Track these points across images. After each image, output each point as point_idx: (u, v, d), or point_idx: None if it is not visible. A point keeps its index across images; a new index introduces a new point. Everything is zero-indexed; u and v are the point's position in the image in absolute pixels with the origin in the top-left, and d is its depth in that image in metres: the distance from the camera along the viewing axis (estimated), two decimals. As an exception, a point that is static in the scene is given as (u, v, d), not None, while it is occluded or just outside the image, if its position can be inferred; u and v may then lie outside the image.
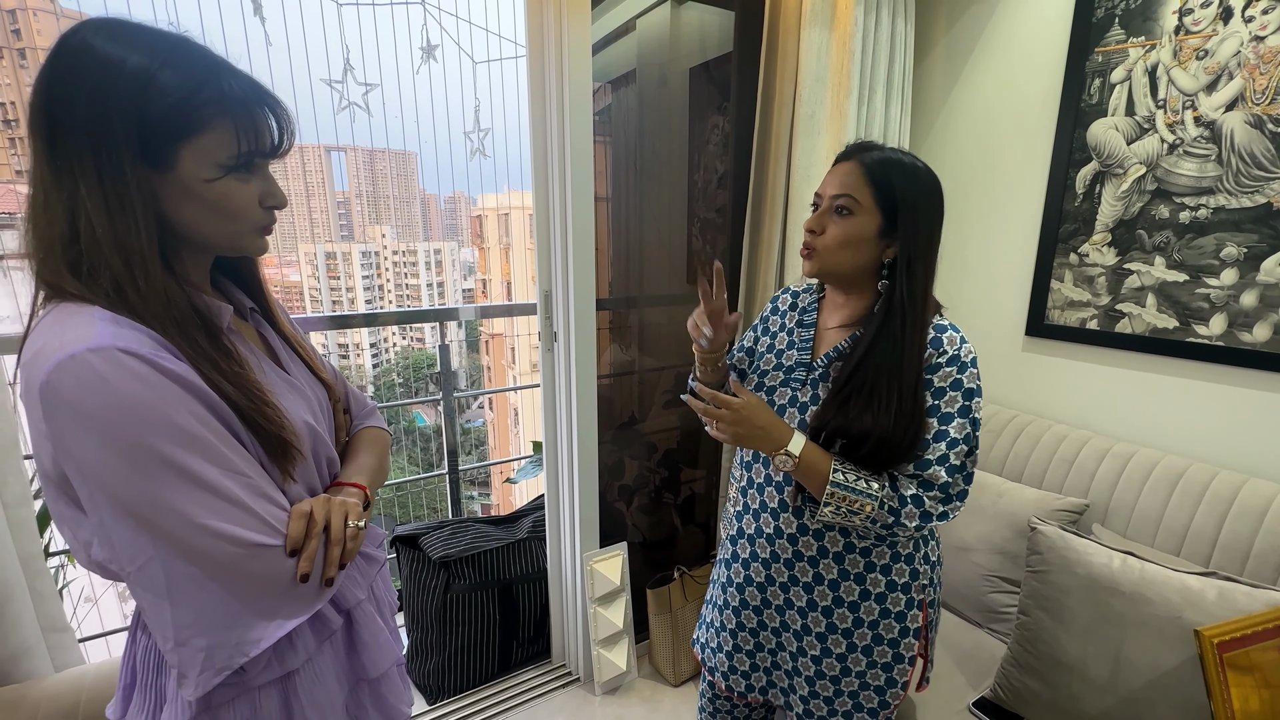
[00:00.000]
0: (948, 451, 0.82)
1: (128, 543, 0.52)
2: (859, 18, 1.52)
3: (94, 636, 1.63)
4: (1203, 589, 1.03)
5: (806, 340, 0.94)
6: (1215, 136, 1.27)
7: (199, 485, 0.53)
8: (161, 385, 0.52)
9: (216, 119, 0.56)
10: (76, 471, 0.51)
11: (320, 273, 23.79)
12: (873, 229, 0.85)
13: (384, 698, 0.75)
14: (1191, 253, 1.33)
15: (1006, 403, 1.70)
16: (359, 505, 0.66)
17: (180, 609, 0.53)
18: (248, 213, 0.60)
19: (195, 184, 0.56)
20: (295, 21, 1.77)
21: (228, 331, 0.62)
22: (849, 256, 0.86)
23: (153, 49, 0.54)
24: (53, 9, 1.29)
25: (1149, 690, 1.02)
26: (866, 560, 0.89)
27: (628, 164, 1.99)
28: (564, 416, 1.65)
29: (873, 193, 0.84)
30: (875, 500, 0.82)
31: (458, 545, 1.70)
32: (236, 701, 0.60)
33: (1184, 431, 1.38)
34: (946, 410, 0.83)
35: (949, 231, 1.76)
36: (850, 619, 0.91)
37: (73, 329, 0.51)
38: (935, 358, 0.84)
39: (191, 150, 0.55)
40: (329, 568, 0.59)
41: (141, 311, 0.54)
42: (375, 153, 33.21)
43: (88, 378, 0.49)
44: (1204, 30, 1.27)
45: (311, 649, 0.65)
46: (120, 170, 0.53)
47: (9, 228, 1.53)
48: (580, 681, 1.76)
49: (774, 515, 0.92)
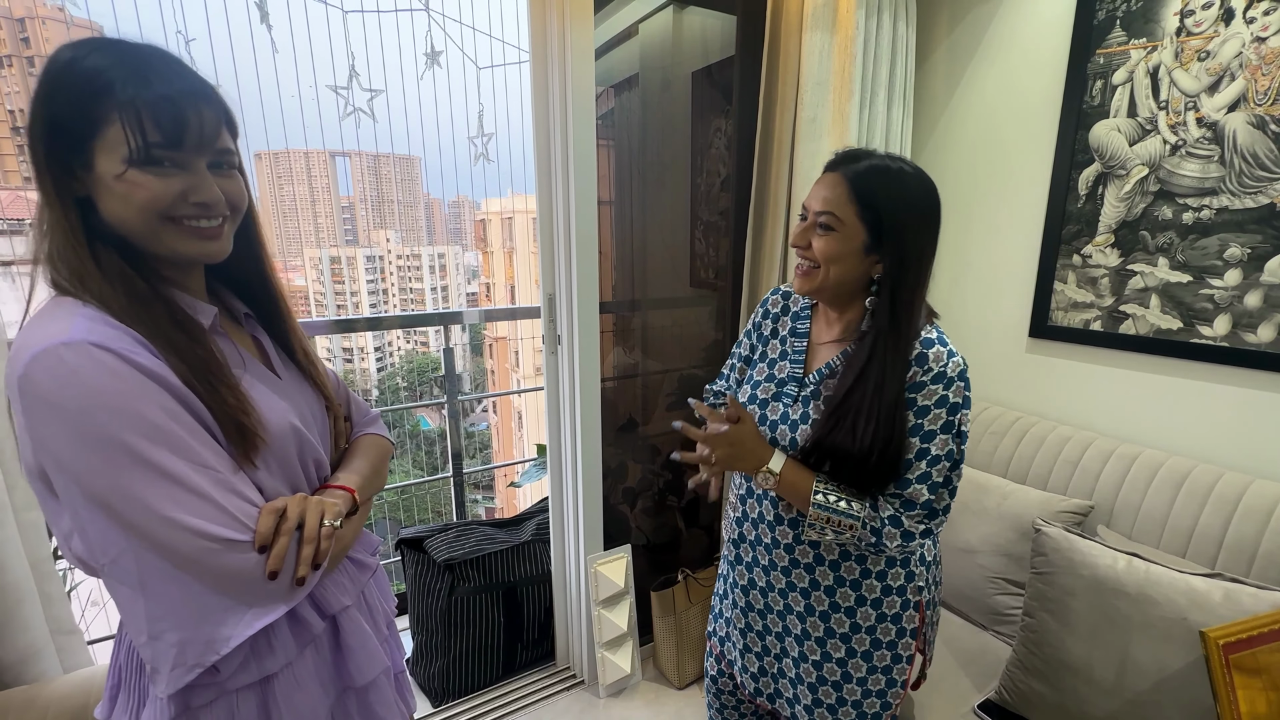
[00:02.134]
0: (929, 469, 0.82)
1: (100, 535, 0.53)
2: (860, 21, 1.53)
3: (103, 639, 1.64)
4: (1208, 590, 1.03)
5: (799, 353, 0.94)
6: (1218, 137, 1.27)
7: (165, 478, 0.53)
8: (132, 379, 0.53)
9: (109, 113, 0.55)
10: (52, 464, 0.52)
11: (325, 277, 23.90)
12: (856, 245, 0.83)
13: (372, 707, 0.73)
14: (1195, 254, 1.33)
15: (1010, 404, 1.69)
16: (338, 505, 0.65)
17: (153, 602, 0.54)
18: (165, 209, 0.58)
19: (109, 179, 0.57)
20: (301, 29, 1.78)
21: (212, 330, 0.63)
22: (837, 272, 0.85)
23: (78, 51, 0.56)
24: (63, 18, 1.31)
25: (1155, 692, 1.02)
26: (862, 567, 0.89)
27: (631, 168, 2.00)
28: (568, 419, 1.65)
29: (856, 209, 0.82)
30: (858, 521, 0.83)
31: (463, 548, 1.70)
32: (214, 705, 0.60)
33: (1189, 433, 1.37)
34: (930, 428, 0.82)
35: (952, 234, 1.77)
36: (847, 624, 0.91)
37: (52, 323, 0.53)
38: (920, 375, 0.82)
39: (100, 146, 0.56)
40: (300, 566, 0.59)
41: (102, 300, 0.56)
42: (379, 157, 33.39)
43: (60, 371, 0.51)
44: (1205, 31, 1.28)
45: (291, 653, 0.64)
46: (40, 166, 0.56)
47: (19, 234, 1.54)
48: (585, 684, 1.76)
49: (770, 527, 0.93)
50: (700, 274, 1.99)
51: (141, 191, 0.57)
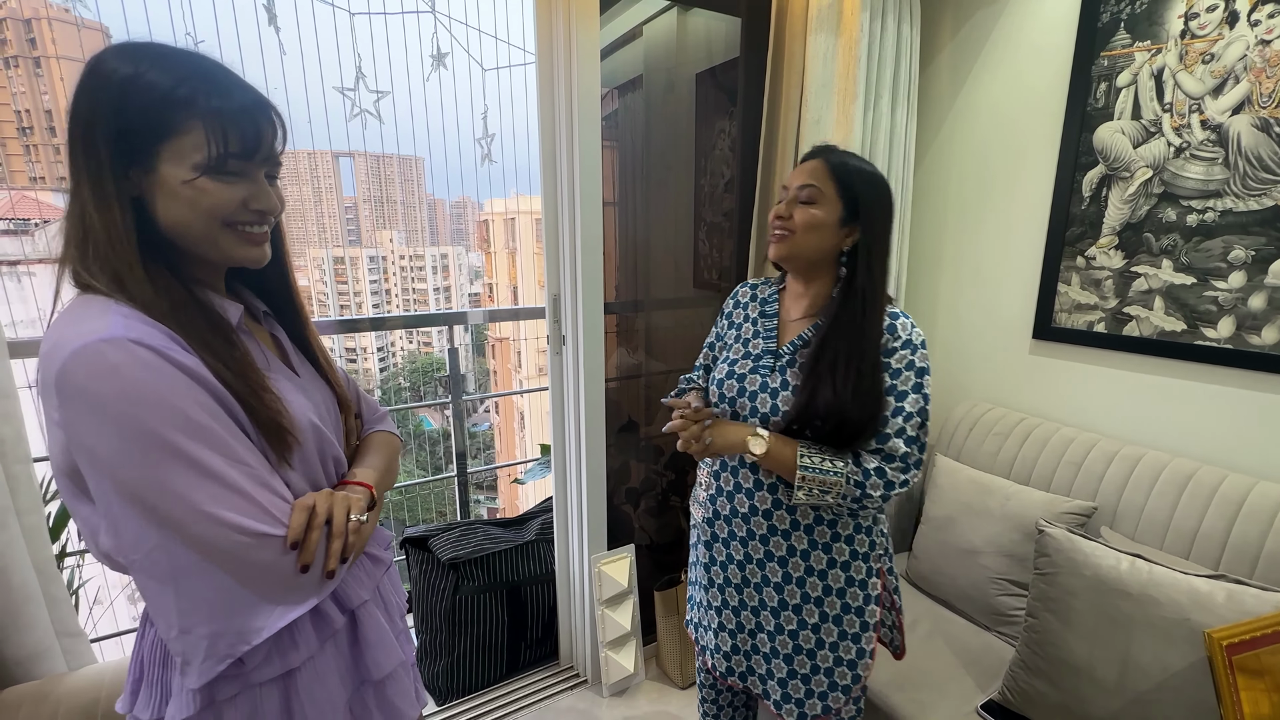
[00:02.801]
0: (904, 425, 0.92)
1: (134, 529, 0.53)
2: (865, 24, 1.53)
3: (109, 636, 1.65)
4: (1211, 591, 1.03)
5: (771, 330, 1.03)
6: (1222, 140, 1.28)
7: (204, 473, 0.54)
8: (170, 375, 0.54)
9: (187, 121, 0.57)
10: (87, 459, 0.53)
11: (328, 277, 23.97)
12: (835, 216, 0.94)
13: (390, 700, 0.75)
14: (1199, 255, 1.33)
15: (1013, 405, 1.70)
16: (362, 501, 0.67)
17: (184, 596, 0.54)
18: (228, 216, 0.61)
19: (174, 184, 0.58)
20: (309, 31, 1.80)
21: (238, 329, 0.64)
22: (814, 240, 0.95)
23: (147, 61, 0.57)
24: (71, 20, 1.32)
25: (1157, 693, 1.02)
26: (833, 531, 0.98)
27: (634, 169, 2.01)
28: (572, 419, 1.66)
29: (836, 186, 0.94)
30: (842, 477, 0.90)
31: (467, 547, 1.71)
32: (238, 698, 0.61)
33: (1192, 434, 1.37)
34: (903, 388, 0.92)
35: (956, 236, 1.78)
36: (820, 587, 0.99)
37: (88, 320, 0.53)
38: (891, 342, 0.93)
39: (169, 151, 0.58)
40: (330, 560, 0.60)
41: (141, 301, 0.57)
42: (382, 158, 33.45)
43: (100, 366, 0.51)
44: (1210, 34, 1.28)
45: (313, 647, 0.65)
46: (102, 168, 0.56)
47: (25, 233, 1.55)
48: (588, 683, 1.77)
49: (749, 495, 0.99)
50: (704, 275, 2.00)
51: (208, 197, 0.59)
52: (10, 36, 7.69)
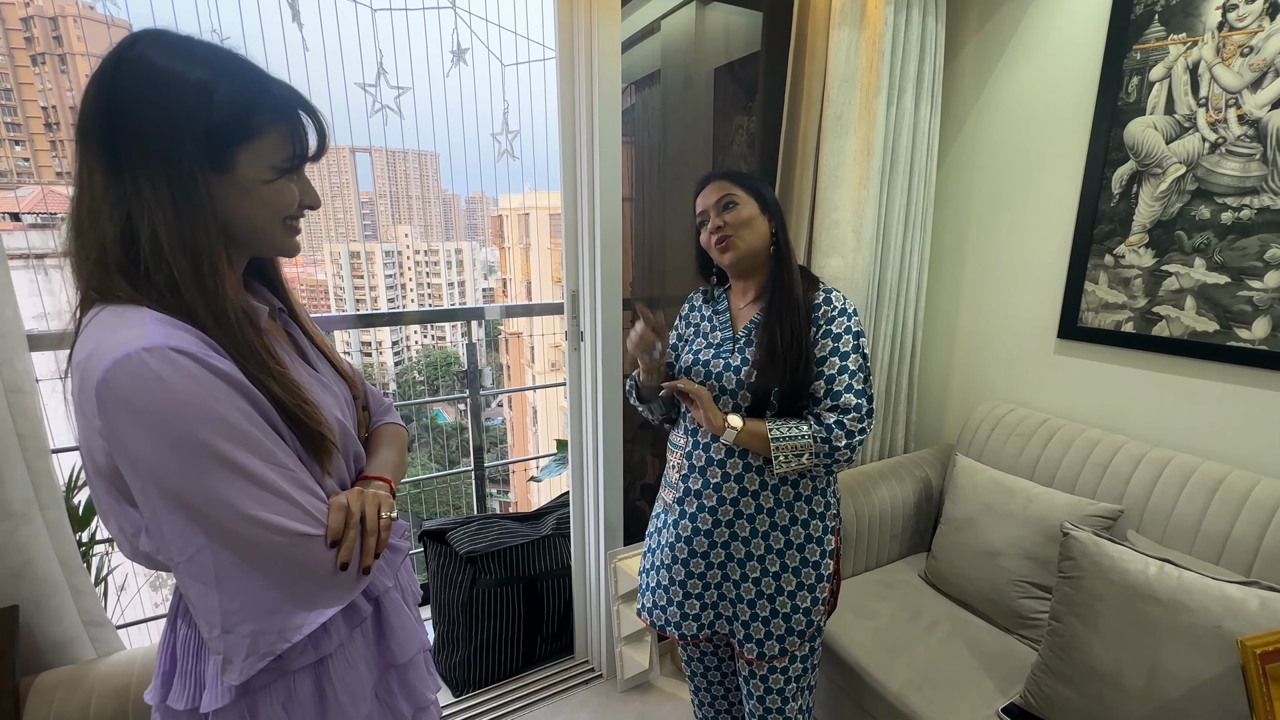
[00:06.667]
0: (851, 380, 1.04)
1: (179, 534, 0.54)
2: (889, 17, 1.51)
3: (136, 623, 1.69)
4: (1244, 598, 1.00)
5: (725, 321, 1.17)
6: (1260, 135, 1.24)
7: (247, 478, 0.55)
8: (211, 383, 0.54)
9: (272, 124, 0.60)
10: (130, 466, 0.53)
11: (345, 271, 24.21)
12: (755, 210, 1.09)
13: (412, 685, 0.77)
14: (1233, 254, 1.30)
15: (1037, 406, 1.67)
16: (389, 498, 0.69)
17: (228, 597, 0.55)
18: (290, 212, 0.65)
19: (253, 185, 0.60)
20: (331, 27, 1.81)
21: (264, 331, 0.65)
22: (751, 234, 1.09)
23: (208, 62, 0.58)
24: (99, 17, 1.34)
25: (1186, 701, 1.00)
26: (795, 491, 1.10)
27: (651, 164, 2.00)
28: (590, 415, 1.66)
29: (741, 188, 1.09)
30: (810, 438, 1.03)
31: (484, 541, 1.72)
32: (273, 686, 0.62)
33: (1223, 437, 1.34)
34: (844, 350, 1.05)
35: (978, 233, 1.75)
36: (783, 541, 1.10)
37: (125, 329, 0.53)
38: (830, 312, 1.07)
39: (249, 153, 0.59)
40: (365, 557, 0.62)
41: (195, 310, 0.57)
42: (398, 154, 33.67)
43: (143, 375, 0.51)
44: (1249, 26, 1.24)
45: (344, 635, 0.67)
46: (191, 175, 0.57)
47: (50, 227, 1.58)
48: (603, 678, 1.78)
49: (720, 465, 1.10)
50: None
51: (282, 197, 0.63)
52: (37, 34, 7.80)
